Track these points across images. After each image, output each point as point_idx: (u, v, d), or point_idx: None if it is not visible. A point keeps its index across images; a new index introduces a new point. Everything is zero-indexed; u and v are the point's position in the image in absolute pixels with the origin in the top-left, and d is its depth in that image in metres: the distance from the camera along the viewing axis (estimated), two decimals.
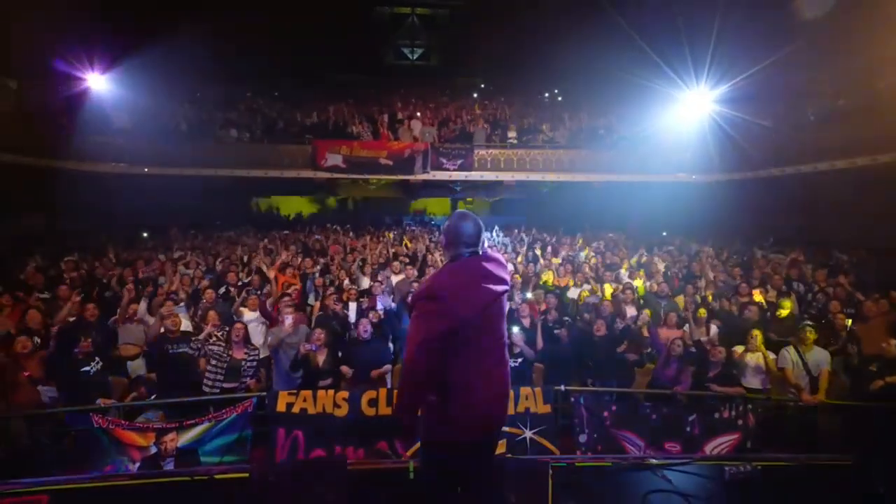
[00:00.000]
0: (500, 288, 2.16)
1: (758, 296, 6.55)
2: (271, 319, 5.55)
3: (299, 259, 8.23)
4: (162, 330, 4.78)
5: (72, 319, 5.03)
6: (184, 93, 13.92)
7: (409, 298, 2.64)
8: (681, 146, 13.92)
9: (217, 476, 2.29)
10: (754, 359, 4.65)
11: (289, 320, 4.80)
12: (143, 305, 5.48)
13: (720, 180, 13.92)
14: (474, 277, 2.11)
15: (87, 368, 4.25)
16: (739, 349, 4.82)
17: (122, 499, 2.37)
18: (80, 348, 4.24)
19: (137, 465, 3.80)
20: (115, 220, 12.26)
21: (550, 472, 2.36)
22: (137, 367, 4.72)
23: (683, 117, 13.14)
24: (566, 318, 5.72)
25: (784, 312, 5.56)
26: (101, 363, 4.31)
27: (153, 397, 4.28)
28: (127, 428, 3.87)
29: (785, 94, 12.21)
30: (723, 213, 13.21)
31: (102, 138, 11.35)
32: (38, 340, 4.64)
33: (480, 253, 2.22)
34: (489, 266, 2.16)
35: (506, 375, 2.24)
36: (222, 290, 6.50)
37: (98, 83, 10.66)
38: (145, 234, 11.73)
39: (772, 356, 4.64)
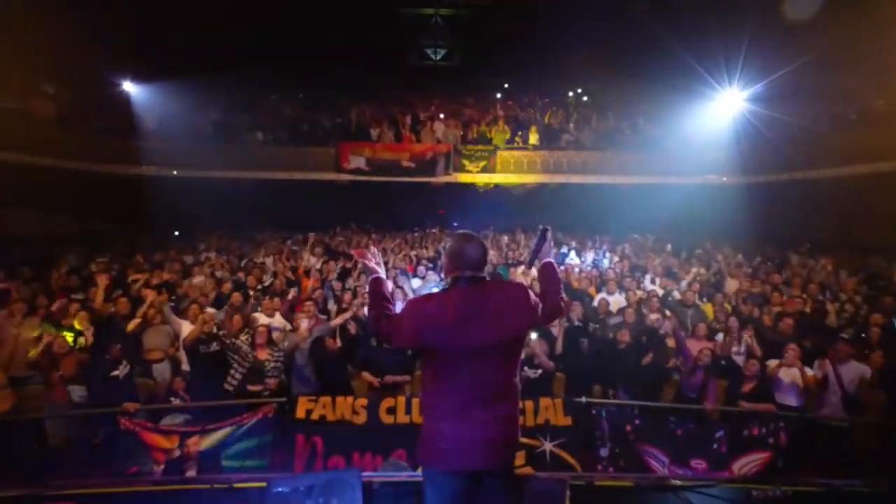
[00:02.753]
0: (501, 332, 1.86)
1: (794, 304, 6.29)
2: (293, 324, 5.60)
3: (321, 262, 8.30)
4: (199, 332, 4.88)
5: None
6: (211, 96, 14.24)
7: None
8: (711, 147, 13.48)
9: (236, 485, 2.30)
10: (790, 374, 4.44)
11: (304, 325, 4.83)
12: (167, 308, 5.57)
13: (752, 182, 13.43)
14: (463, 310, 1.85)
15: (115, 371, 4.38)
16: (773, 363, 4.62)
17: (152, 502, 2.41)
18: (110, 352, 4.37)
19: (162, 466, 3.90)
20: (146, 221, 12.63)
21: (568, 493, 2.30)
22: (162, 369, 4.83)
23: (714, 117, 12.72)
24: (591, 325, 5.59)
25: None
26: (128, 366, 4.44)
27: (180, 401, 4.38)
28: (152, 430, 3.97)
29: (823, 93, 11.70)
30: (755, 216, 12.75)
31: (133, 141, 11.72)
32: (84, 340, 4.83)
33: (486, 278, 1.96)
34: (495, 297, 1.90)
35: (495, 422, 1.87)
36: (251, 291, 6.58)
37: (129, 87, 11.03)
38: (176, 233, 12.07)
39: (809, 371, 4.42)
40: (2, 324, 4.76)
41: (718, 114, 12.55)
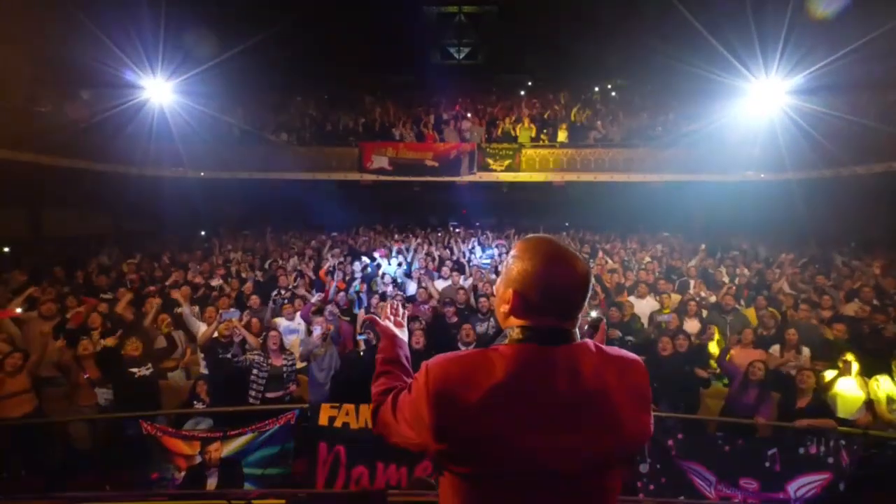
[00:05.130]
0: (609, 444, 1.01)
1: (848, 309, 5.83)
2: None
3: (345, 263, 8.20)
4: (215, 335, 4.83)
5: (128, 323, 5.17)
6: (238, 99, 14.41)
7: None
8: (748, 142, 12.83)
9: (254, 501, 2.14)
10: (848, 387, 4.06)
11: (317, 331, 4.69)
12: (187, 310, 5.54)
13: (793, 179, 12.75)
14: (544, 398, 0.99)
15: (138, 371, 4.33)
16: (827, 375, 4.24)
17: None
18: (129, 352, 4.33)
19: (183, 473, 3.81)
20: (174, 221, 12.85)
21: None
22: (178, 374, 4.77)
23: (752, 111, 12.10)
24: (628, 339, 5.26)
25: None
26: (151, 367, 4.38)
27: (203, 405, 4.31)
28: (174, 436, 3.89)
29: (870, 84, 10.98)
30: (796, 214, 12.10)
31: (163, 144, 11.90)
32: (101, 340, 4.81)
33: (582, 339, 1.08)
34: (603, 376, 1.03)
35: None
36: (273, 293, 6.51)
37: (159, 92, 11.20)
38: (203, 233, 12.23)
39: (869, 384, 4.04)
40: (32, 326, 4.77)
41: (756, 107, 11.92)
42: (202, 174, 13.19)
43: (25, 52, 8.56)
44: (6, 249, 9.33)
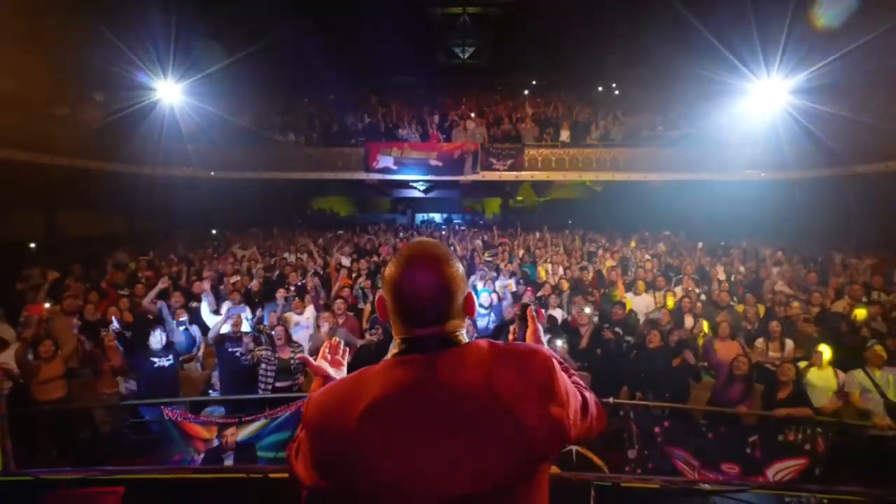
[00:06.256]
0: (500, 465, 0.88)
1: (837, 306, 6.03)
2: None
3: (351, 261, 8.48)
4: (224, 330, 5.10)
5: (150, 317, 5.48)
6: (246, 100, 14.72)
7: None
8: (749, 142, 12.99)
9: (271, 475, 2.43)
10: (822, 377, 4.29)
11: (325, 327, 4.95)
12: (204, 305, 5.83)
13: (793, 178, 12.88)
14: (418, 419, 0.89)
15: (160, 362, 4.64)
16: (803, 365, 4.47)
17: (187, 490, 2.58)
18: (151, 342, 4.63)
19: (202, 455, 4.11)
20: (185, 220, 13.19)
21: (593, 493, 2.31)
22: (193, 366, 5.06)
23: (752, 110, 12.24)
24: (627, 338, 5.49)
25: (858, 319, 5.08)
26: (171, 358, 4.69)
27: (217, 394, 4.60)
28: (193, 421, 4.19)
29: (870, 83, 11.06)
30: (796, 213, 12.24)
31: (174, 145, 12.24)
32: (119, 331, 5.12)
33: (461, 341, 0.99)
34: (489, 385, 0.91)
35: None
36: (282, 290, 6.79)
37: (169, 93, 11.53)
38: (214, 231, 12.57)
39: (842, 376, 4.27)
40: (58, 319, 5.08)
41: (757, 107, 12.06)
42: (212, 174, 13.53)
43: (42, 55, 8.87)
44: (32, 245, 9.69)
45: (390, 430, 0.88)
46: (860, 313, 5.15)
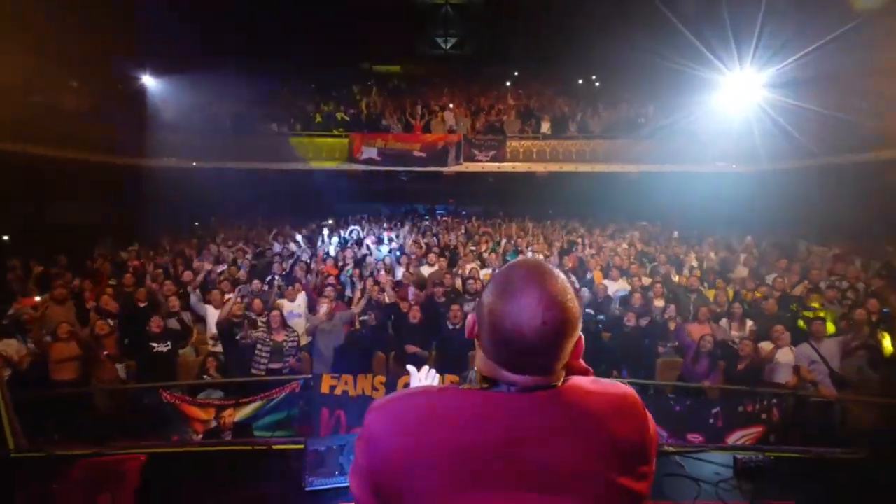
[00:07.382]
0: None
1: (798, 290, 6.47)
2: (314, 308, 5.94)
3: (337, 251, 8.63)
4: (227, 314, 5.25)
5: (142, 305, 5.59)
6: (227, 89, 14.58)
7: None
8: (723, 134, 13.44)
9: (275, 447, 2.67)
10: (784, 355, 4.68)
11: (323, 309, 5.18)
12: (193, 296, 5.95)
13: (765, 170, 13.40)
14: (510, 452, 0.77)
15: (158, 347, 4.79)
16: (767, 345, 4.85)
17: (198, 461, 2.81)
18: (151, 328, 4.77)
19: (200, 436, 4.30)
20: (168, 211, 13.09)
21: None
22: (188, 351, 5.21)
23: (726, 103, 12.67)
24: (600, 317, 5.85)
25: (814, 304, 5.51)
26: (169, 344, 4.84)
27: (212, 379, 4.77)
28: (191, 403, 4.37)
29: (841, 76, 11.50)
30: (767, 204, 12.75)
31: (157, 135, 12.12)
32: (112, 322, 5.24)
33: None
34: (583, 425, 0.80)
35: None
36: (268, 279, 6.95)
37: (151, 82, 11.42)
38: (196, 224, 12.51)
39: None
40: (51, 308, 5.16)
41: (731, 100, 12.48)
42: (194, 164, 13.42)
43: (23, 43, 8.71)
44: (5, 238, 9.56)
45: (461, 470, 0.77)
46: (815, 297, 5.57)
